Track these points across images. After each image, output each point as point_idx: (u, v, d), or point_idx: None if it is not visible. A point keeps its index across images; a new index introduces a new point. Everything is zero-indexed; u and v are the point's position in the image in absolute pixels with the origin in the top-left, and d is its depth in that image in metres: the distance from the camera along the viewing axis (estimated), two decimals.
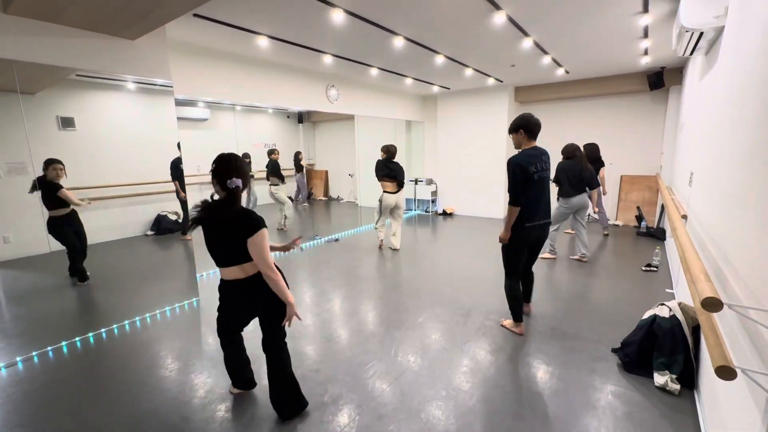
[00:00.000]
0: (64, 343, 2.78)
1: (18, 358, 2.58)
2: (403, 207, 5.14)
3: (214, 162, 1.79)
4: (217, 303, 2.00)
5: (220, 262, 1.83)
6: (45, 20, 2.56)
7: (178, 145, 3.53)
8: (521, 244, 2.71)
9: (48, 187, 3.16)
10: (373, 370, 2.38)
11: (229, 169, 1.75)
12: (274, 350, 1.91)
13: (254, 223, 1.72)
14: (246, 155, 6.46)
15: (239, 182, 1.74)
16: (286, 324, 1.86)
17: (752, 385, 1.13)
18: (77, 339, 2.85)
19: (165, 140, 3.65)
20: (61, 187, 3.23)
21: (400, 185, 4.97)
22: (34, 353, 2.65)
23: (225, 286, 1.90)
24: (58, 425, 1.97)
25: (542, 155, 2.62)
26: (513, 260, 2.76)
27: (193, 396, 2.17)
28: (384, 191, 5.00)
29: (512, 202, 2.60)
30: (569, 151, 4.50)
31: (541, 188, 2.62)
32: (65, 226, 3.32)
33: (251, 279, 1.82)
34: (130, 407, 2.08)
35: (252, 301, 1.86)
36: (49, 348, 2.71)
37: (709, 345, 1.19)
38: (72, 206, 3.32)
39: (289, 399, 1.97)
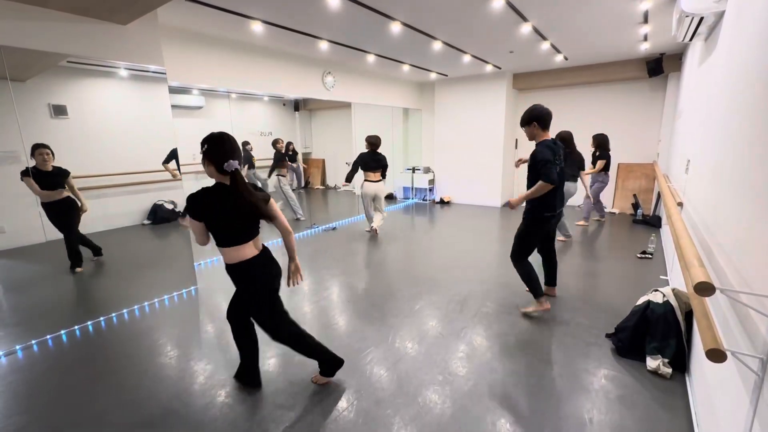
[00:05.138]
0: (63, 331, 2.80)
1: (17, 347, 2.59)
2: (382, 198, 5.30)
3: (205, 142, 1.70)
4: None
5: (238, 240, 1.80)
6: (32, 4, 2.49)
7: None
8: (541, 231, 2.78)
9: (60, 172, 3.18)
10: (370, 356, 2.41)
11: (223, 150, 1.68)
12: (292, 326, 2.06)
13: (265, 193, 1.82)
14: (246, 143, 6.41)
15: (236, 164, 1.68)
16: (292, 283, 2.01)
17: (741, 367, 1.16)
18: (76, 327, 2.86)
19: (160, 128, 3.61)
20: (68, 173, 3.25)
21: (384, 176, 5.19)
22: (33, 342, 2.66)
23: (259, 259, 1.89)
24: (58, 412, 1.99)
25: (560, 149, 2.68)
26: (529, 245, 2.82)
27: (192, 382, 2.19)
28: (365, 180, 5.08)
29: (548, 179, 2.53)
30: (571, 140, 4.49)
31: (559, 179, 2.64)
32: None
33: (262, 254, 1.90)
34: (131, 394, 2.11)
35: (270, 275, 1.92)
36: (48, 336, 2.73)
37: (700, 329, 1.21)
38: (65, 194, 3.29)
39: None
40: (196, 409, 1.97)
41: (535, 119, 2.62)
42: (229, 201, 1.70)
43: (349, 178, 5.13)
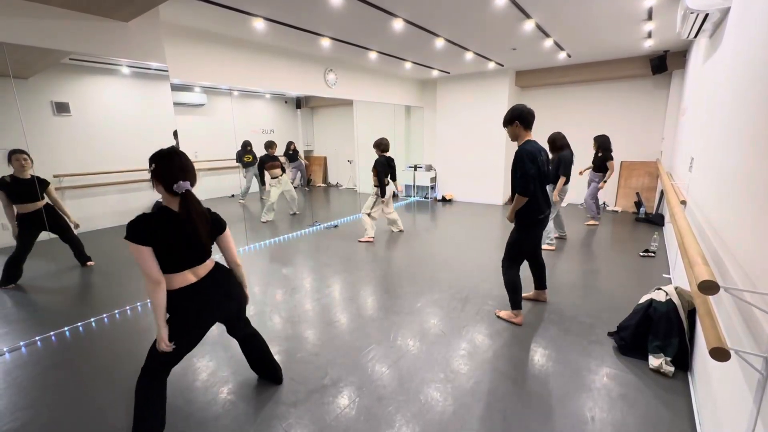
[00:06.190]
0: (66, 328, 2.81)
1: (21, 343, 2.61)
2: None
3: (153, 160, 1.53)
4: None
5: (199, 259, 1.66)
6: (34, 1, 2.49)
7: (175, 133, 3.49)
8: (534, 235, 2.73)
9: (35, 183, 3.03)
10: (372, 353, 2.41)
11: (172, 168, 1.51)
12: (251, 328, 2.06)
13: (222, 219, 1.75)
14: (247, 143, 6.39)
15: (187, 185, 1.52)
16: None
17: (745, 366, 1.15)
18: (79, 324, 2.87)
19: (162, 126, 3.62)
20: (48, 183, 3.09)
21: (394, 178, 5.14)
22: (37, 338, 2.67)
23: (203, 284, 1.67)
24: (62, 407, 2.00)
25: (541, 150, 2.63)
26: (523, 249, 2.76)
27: (195, 379, 2.20)
28: (377, 185, 4.92)
29: (523, 192, 2.52)
30: (563, 140, 4.40)
31: (542, 181, 2.64)
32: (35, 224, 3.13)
33: (219, 265, 1.79)
34: (133, 390, 2.11)
35: (230, 286, 1.79)
36: (52, 333, 2.74)
37: (704, 327, 1.21)
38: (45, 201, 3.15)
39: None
40: (199, 405, 1.98)
41: (517, 118, 2.57)
42: (179, 228, 1.53)
43: (383, 192, 4.90)
